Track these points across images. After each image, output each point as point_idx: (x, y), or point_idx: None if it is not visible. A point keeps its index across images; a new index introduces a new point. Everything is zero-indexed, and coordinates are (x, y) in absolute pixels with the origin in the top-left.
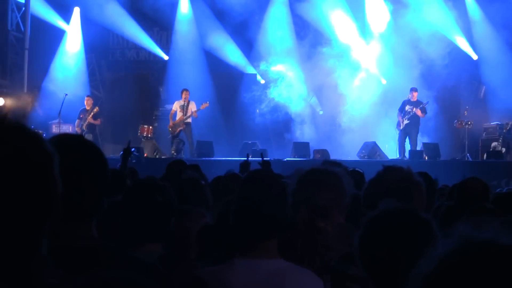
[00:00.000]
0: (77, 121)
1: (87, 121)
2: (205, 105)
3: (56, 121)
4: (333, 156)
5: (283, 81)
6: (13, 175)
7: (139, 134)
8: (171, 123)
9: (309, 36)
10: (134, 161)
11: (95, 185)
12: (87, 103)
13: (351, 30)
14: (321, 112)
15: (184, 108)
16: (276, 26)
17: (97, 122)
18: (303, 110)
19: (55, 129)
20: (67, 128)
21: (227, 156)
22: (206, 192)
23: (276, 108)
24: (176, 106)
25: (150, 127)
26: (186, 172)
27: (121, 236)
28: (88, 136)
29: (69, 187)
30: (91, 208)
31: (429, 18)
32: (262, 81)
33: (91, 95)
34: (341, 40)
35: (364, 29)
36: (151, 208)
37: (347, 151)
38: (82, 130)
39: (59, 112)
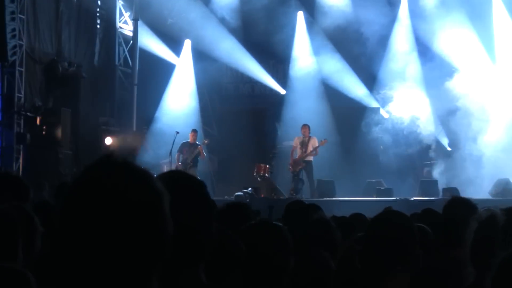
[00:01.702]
0: (177, 155)
1: (194, 153)
2: (324, 142)
3: (167, 160)
4: (462, 194)
5: (408, 114)
6: (121, 214)
7: (255, 173)
8: (291, 161)
9: (435, 61)
10: (248, 201)
11: (205, 227)
12: (192, 137)
13: (480, 53)
14: (449, 149)
15: (304, 145)
16: (398, 54)
17: (203, 156)
18: (430, 145)
19: (166, 169)
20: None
21: (349, 196)
22: (334, 234)
23: (401, 143)
24: (296, 142)
25: (267, 166)
26: (312, 213)
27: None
28: (193, 171)
29: (179, 228)
30: (199, 251)
31: None
32: (386, 115)
33: (204, 131)
34: (470, 64)
35: (492, 49)
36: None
37: (477, 188)
38: (186, 165)
39: (170, 151)
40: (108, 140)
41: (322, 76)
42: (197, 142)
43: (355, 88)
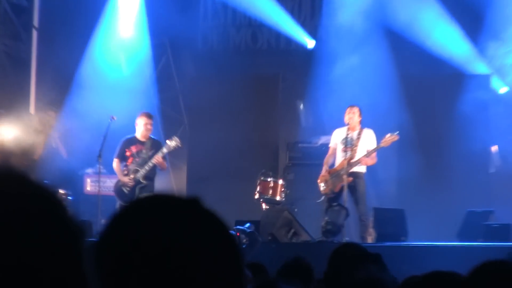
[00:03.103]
0: (115, 162)
1: (148, 161)
2: (390, 139)
3: (93, 170)
4: None
5: None
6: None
7: (256, 195)
8: (325, 173)
9: None
10: (244, 246)
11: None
12: (144, 129)
13: None
14: None
15: (351, 144)
16: None
17: (163, 165)
18: None
19: (91, 187)
20: (115, 181)
21: (432, 239)
22: None
23: None
24: (336, 138)
25: (279, 182)
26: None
27: None
28: (146, 191)
29: None
30: None
31: None
32: (503, 89)
33: (165, 119)
34: None
35: None
36: None
37: None
38: (137, 182)
39: (99, 154)
40: None
41: (384, 20)
42: (152, 137)
43: (447, 41)
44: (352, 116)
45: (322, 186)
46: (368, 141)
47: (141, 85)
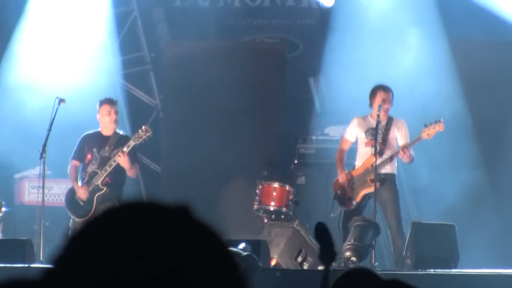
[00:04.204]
0: (72, 165)
1: (111, 163)
2: (433, 130)
3: (33, 172)
4: None
5: None
6: None
7: (256, 205)
8: (343, 177)
9: None
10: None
11: None
12: (108, 121)
13: None
14: None
15: (380, 136)
16: None
17: (132, 171)
18: None
19: (30, 195)
20: (64, 187)
21: (495, 265)
22: None
23: None
24: (354, 128)
25: (287, 188)
26: None
27: None
28: (106, 203)
29: None
30: None
31: None
32: None
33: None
34: None
35: None
36: None
37: None
38: (94, 189)
39: (43, 150)
40: None
41: None
42: (119, 132)
43: None
44: (385, 100)
45: (338, 193)
46: (401, 133)
47: (98, 59)
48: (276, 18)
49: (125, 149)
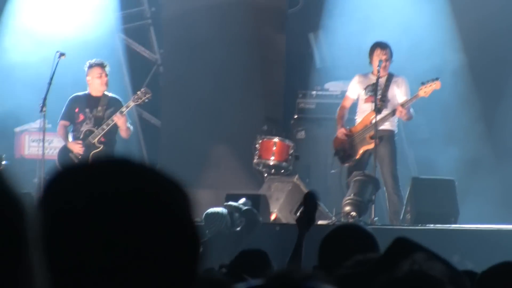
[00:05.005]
0: (61, 124)
1: (106, 123)
2: (430, 88)
3: (35, 125)
4: None
5: None
6: None
7: (255, 159)
8: (343, 133)
9: None
10: (239, 228)
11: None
12: (99, 82)
13: None
14: None
15: (379, 92)
16: None
17: (128, 131)
18: None
19: (31, 148)
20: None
21: (495, 220)
22: None
23: None
24: (355, 85)
25: (287, 143)
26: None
27: None
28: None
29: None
30: None
31: None
32: None
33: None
34: None
35: None
36: None
37: None
38: (90, 147)
39: (43, 103)
40: None
41: None
42: (109, 94)
43: None
44: (384, 56)
45: (340, 147)
46: (401, 90)
47: (98, 14)
48: None
49: (123, 109)
